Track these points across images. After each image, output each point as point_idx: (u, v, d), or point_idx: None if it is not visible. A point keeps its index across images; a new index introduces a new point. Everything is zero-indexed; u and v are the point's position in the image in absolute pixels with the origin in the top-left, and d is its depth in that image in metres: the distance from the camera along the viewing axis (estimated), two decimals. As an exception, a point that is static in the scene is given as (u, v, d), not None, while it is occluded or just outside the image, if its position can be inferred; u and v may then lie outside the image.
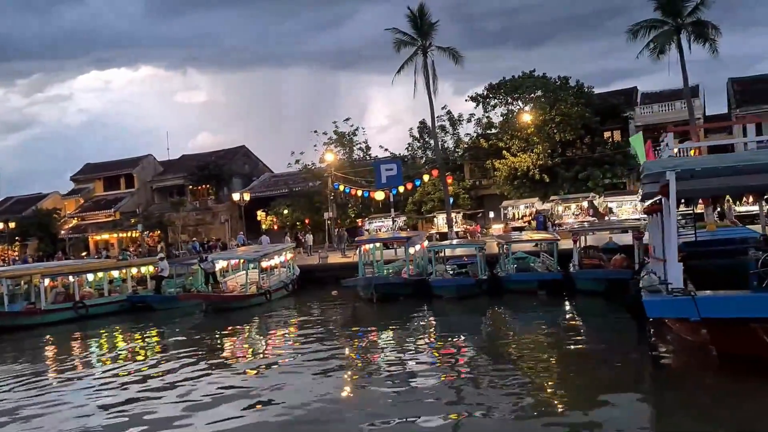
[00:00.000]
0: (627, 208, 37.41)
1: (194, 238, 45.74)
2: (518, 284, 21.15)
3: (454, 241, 29.73)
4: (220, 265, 23.96)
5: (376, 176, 34.09)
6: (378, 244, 26.15)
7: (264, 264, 23.76)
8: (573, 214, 37.93)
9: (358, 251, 23.88)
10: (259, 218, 49.90)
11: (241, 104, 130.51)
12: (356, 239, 25.62)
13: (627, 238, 25.81)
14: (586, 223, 33.34)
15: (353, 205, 45.85)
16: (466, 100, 44.13)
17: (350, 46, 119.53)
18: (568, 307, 19.11)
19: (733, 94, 42.19)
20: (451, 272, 22.85)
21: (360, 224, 44.50)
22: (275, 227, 48.83)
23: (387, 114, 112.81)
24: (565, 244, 23.41)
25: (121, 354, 16.71)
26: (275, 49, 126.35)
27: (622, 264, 20.75)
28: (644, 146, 12.84)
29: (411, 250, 23.32)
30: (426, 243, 26.08)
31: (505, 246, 23.13)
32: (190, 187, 56.14)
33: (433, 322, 18.80)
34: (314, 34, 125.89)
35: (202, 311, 22.14)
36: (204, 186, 55.75)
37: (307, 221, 47.37)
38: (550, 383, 10.77)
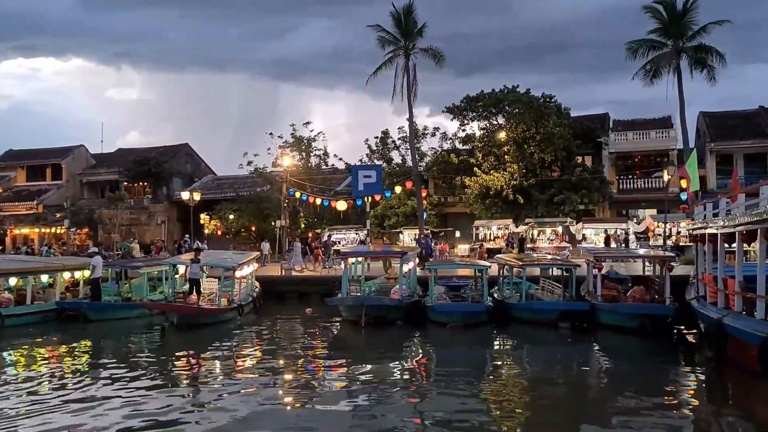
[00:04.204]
0: (602, 235, 35.61)
1: (133, 238, 41.09)
2: (536, 313, 18.21)
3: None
4: (181, 271, 19.99)
5: (352, 182, 30.86)
6: (361, 259, 22.89)
7: (238, 274, 20.00)
8: (548, 238, 35.91)
9: (342, 265, 20.48)
10: (202, 221, 45.70)
11: (175, 105, 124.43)
12: (341, 252, 22.13)
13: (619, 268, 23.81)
14: (566, 251, 31.44)
15: (304, 214, 42.50)
16: (442, 111, 41.76)
17: (292, 58, 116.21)
18: (603, 346, 16.24)
19: (705, 128, 41.62)
20: (449, 296, 19.90)
21: (311, 235, 41.14)
22: (219, 233, 44.91)
23: (324, 128, 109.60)
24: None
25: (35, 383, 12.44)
26: (216, 54, 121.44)
27: (643, 297, 18.52)
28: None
29: (405, 268, 20.13)
30: (417, 260, 23.03)
31: (517, 269, 20.28)
32: (126, 183, 51.25)
33: (437, 357, 15.42)
34: (257, 43, 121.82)
35: (167, 324, 17.95)
36: (141, 183, 51.01)
37: (253, 228, 43.62)
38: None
